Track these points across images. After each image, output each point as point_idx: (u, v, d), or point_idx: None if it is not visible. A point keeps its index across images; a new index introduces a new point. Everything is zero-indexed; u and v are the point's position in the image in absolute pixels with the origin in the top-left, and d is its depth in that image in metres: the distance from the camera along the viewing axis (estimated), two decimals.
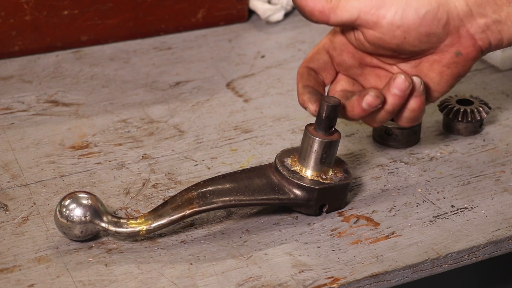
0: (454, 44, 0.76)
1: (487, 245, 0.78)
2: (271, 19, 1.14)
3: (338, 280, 0.73)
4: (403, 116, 0.79)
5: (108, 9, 1.06)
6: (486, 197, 0.83)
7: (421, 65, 0.79)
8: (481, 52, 0.77)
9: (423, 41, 0.76)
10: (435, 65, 0.78)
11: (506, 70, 1.05)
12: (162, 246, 0.76)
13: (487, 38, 0.76)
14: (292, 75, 1.03)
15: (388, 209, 0.82)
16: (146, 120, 0.94)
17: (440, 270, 0.77)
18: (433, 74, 0.78)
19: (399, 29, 0.75)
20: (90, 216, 0.74)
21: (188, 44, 1.10)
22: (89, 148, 0.89)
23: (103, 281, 0.72)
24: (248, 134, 0.92)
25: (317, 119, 0.78)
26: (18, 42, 1.04)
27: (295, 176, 0.79)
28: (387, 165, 0.88)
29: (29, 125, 0.92)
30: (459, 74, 0.78)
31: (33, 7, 1.03)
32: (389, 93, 0.77)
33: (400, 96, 0.77)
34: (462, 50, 0.77)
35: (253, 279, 0.73)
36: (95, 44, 1.08)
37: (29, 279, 0.72)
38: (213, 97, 0.99)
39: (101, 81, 1.01)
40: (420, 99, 0.78)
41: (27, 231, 0.77)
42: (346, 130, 0.93)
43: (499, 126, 0.94)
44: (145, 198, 0.82)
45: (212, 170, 0.86)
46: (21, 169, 0.85)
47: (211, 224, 0.79)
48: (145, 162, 0.87)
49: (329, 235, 0.78)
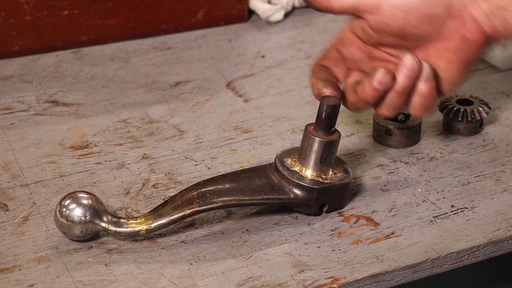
0: (459, 28, 0.77)
1: (487, 245, 0.78)
2: (271, 19, 1.14)
3: (338, 280, 0.73)
4: (414, 102, 0.79)
5: (108, 9, 1.06)
6: (486, 197, 0.83)
7: (429, 54, 0.79)
8: (489, 38, 0.77)
9: (425, 23, 0.77)
10: (443, 52, 0.78)
11: (506, 70, 1.05)
12: (162, 246, 0.76)
13: (493, 24, 0.76)
14: (292, 75, 1.03)
15: (388, 209, 0.82)
16: (146, 120, 0.94)
17: (440, 270, 0.77)
18: (441, 63, 0.78)
19: (399, 10, 0.76)
20: (90, 216, 0.74)
21: (188, 44, 1.10)
22: (89, 148, 0.89)
23: (103, 281, 0.72)
24: (248, 134, 0.92)
25: (317, 119, 0.78)
26: (18, 42, 1.04)
27: (295, 176, 0.79)
28: (387, 165, 0.88)
29: (29, 125, 0.92)
30: (468, 60, 0.78)
31: (33, 7, 1.03)
32: (398, 74, 0.78)
33: (409, 76, 0.77)
34: (468, 34, 0.77)
35: (253, 279, 0.73)
36: (95, 44, 1.08)
37: (29, 279, 0.72)
38: (213, 97, 0.99)
39: (101, 81, 1.01)
40: (429, 83, 0.78)
41: (27, 231, 0.77)
42: (346, 130, 0.93)
43: (499, 126, 0.94)
44: (145, 198, 0.82)
45: (212, 170, 0.86)
46: (21, 169, 0.85)
47: (211, 224, 0.79)
48: (145, 162, 0.87)
49: (329, 235, 0.78)
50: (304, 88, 1.00)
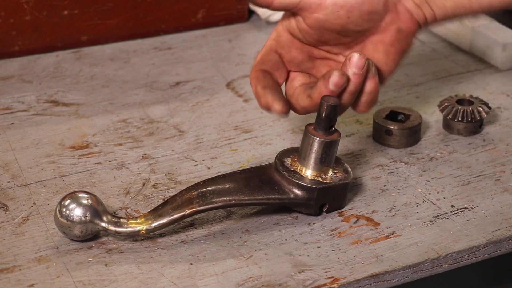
0: (394, 21, 0.79)
1: (487, 245, 0.78)
2: (271, 19, 1.14)
3: (338, 280, 0.73)
4: (362, 100, 0.80)
5: (108, 9, 1.06)
6: (486, 197, 0.83)
7: (366, 48, 0.80)
8: (419, 26, 0.80)
9: (365, 20, 0.78)
10: (379, 45, 0.80)
11: (506, 70, 1.05)
12: (162, 246, 0.76)
13: (422, 13, 0.79)
14: None
15: (388, 209, 0.81)
16: (146, 120, 0.94)
17: (440, 270, 0.77)
18: (379, 55, 0.80)
19: (343, 8, 0.77)
20: (90, 216, 0.74)
21: (188, 44, 1.10)
22: (89, 148, 0.89)
23: (103, 281, 0.72)
24: (248, 134, 0.92)
25: (317, 119, 0.78)
26: (18, 42, 1.04)
27: (295, 176, 0.79)
28: (387, 165, 0.88)
29: (29, 125, 0.92)
30: (403, 50, 0.80)
31: (33, 7, 1.03)
32: (349, 73, 0.78)
33: (359, 74, 0.78)
34: (403, 25, 0.79)
35: (253, 279, 0.73)
36: (95, 44, 1.08)
37: (29, 279, 0.72)
38: (213, 97, 0.99)
39: (101, 81, 1.01)
40: (375, 80, 0.79)
41: (27, 231, 0.77)
42: (346, 130, 0.93)
43: (499, 126, 0.94)
44: (145, 198, 0.82)
45: (212, 170, 0.86)
46: (21, 169, 0.85)
47: (211, 224, 0.79)
48: (145, 162, 0.87)
49: (329, 235, 0.78)
50: None
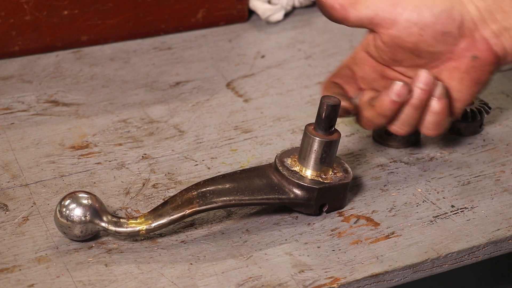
0: (470, 48, 0.78)
1: (487, 245, 0.78)
2: (271, 19, 1.14)
3: (338, 280, 0.73)
4: (427, 120, 0.80)
5: (108, 9, 1.06)
6: (486, 197, 0.83)
7: (441, 74, 0.80)
8: (498, 58, 0.79)
9: (439, 40, 0.78)
10: (454, 72, 0.79)
11: (506, 70, 1.05)
12: (162, 246, 0.76)
13: (501, 43, 0.78)
14: (292, 75, 1.03)
15: (388, 209, 0.82)
16: (146, 120, 0.94)
17: (440, 270, 0.77)
18: (453, 82, 0.80)
19: (415, 26, 0.77)
20: (90, 216, 0.74)
21: (188, 44, 1.10)
22: (89, 148, 0.89)
23: (103, 281, 0.72)
24: (248, 134, 0.92)
25: (317, 119, 0.78)
26: (18, 42, 1.04)
27: (295, 176, 0.79)
28: (387, 165, 0.88)
29: (29, 125, 0.92)
30: (479, 80, 0.79)
31: (33, 7, 1.03)
32: (414, 87, 0.79)
33: (424, 90, 0.78)
34: (479, 53, 0.78)
35: (253, 279, 0.73)
36: (95, 44, 1.08)
37: (29, 279, 0.72)
38: (213, 97, 0.99)
39: (101, 81, 1.01)
40: (442, 101, 0.79)
41: (27, 231, 0.77)
42: (346, 130, 0.93)
43: (499, 126, 0.94)
44: (145, 198, 0.82)
45: (212, 170, 0.86)
46: (21, 169, 0.85)
47: (211, 224, 0.79)
48: (145, 162, 0.87)
49: (329, 235, 0.78)
50: (304, 88, 1.00)
